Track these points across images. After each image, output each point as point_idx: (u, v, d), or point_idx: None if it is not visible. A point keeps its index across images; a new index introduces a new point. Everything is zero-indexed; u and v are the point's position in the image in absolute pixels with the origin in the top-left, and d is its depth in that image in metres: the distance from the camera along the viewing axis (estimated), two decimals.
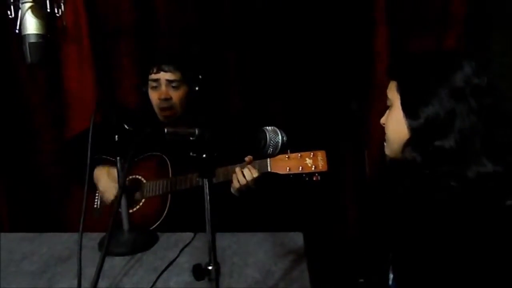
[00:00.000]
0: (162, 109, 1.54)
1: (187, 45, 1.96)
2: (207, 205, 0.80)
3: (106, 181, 1.49)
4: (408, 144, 0.91)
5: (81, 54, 2.02)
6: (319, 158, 1.27)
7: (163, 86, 1.52)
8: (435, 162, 0.85)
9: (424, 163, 0.86)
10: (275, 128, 0.85)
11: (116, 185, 1.45)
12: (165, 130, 0.76)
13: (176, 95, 1.53)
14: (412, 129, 0.89)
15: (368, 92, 1.90)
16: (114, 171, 1.43)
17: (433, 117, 0.85)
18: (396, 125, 0.93)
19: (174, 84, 1.52)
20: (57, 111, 2.07)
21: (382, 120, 1.01)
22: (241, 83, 1.99)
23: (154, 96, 1.55)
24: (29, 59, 0.95)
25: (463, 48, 1.81)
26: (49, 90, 2.06)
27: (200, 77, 1.60)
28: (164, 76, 1.52)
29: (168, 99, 1.52)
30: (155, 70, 1.52)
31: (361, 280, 1.88)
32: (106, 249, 0.65)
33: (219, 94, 1.98)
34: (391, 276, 0.99)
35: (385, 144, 1.00)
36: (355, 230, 2.04)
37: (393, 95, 0.93)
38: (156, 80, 1.53)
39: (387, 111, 0.98)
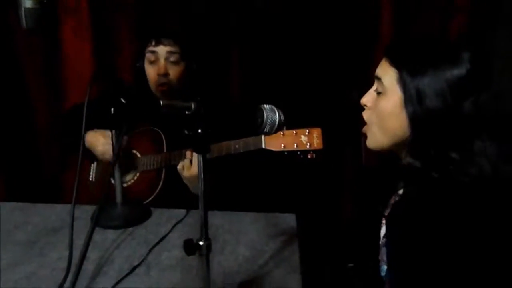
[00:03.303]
0: (159, 85, 1.50)
1: (188, 20, 1.92)
2: (201, 181, 0.80)
3: (103, 142, 1.46)
4: (405, 146, 0.87)
5: (80, 26, 1.98)
6: (315, 135, 1.25)
7: (161, 60, 1.48)
8: (438, 166, 0.81)
9: (426, 168, 0.83)
10: (273, 106, 0.84)
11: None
12: (161, 102, 0.75)
13: (174, 71, 1.50)
14: (414, 129, 0.84)
15: (370, 79, 1.88)
16: (108, 133, 1.42)
17: (440, 116, 0.81)
18: (388, 117, 0.88)
19: (172, 59, 1.48)
20: (54, 82, 2.05)
21: (365, 102, 0.95)
22: (241, 63, 1.97)
23: (151, 72, 1.50)
24: (24, 25, 0.93)
25: (467, 35, 1.79)
26: (46, 61, 2.03)
27: (199, 54, 1.57)
28: (163, 49, 1.47)
29: (166, 74, 1.49)
30: (153, 43, 1.48)
31: (351, 264, 1.89)
32: (96, 221, 0.65)
33: (218, 73, 1.96)
34: (384, 267, 0.94)
35: (367, 134, 0.95)
36: (349, 213, 2.05)
37: (391, 84, 0.87)
38: (154, 53, 1.48)
39: (373, 93, 0.93)
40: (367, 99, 0.95)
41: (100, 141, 1.47)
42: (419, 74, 0.84)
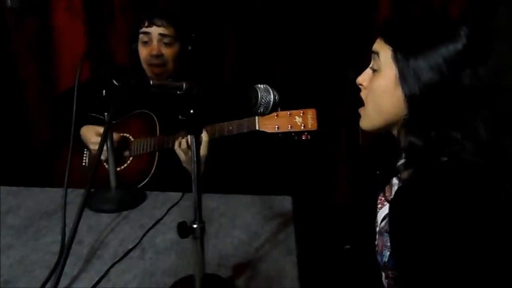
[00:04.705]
0: (152, 66, 1.48)
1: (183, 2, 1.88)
2: (194, 164, 0.78)
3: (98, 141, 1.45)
4: (401, 126, 0.85)
5: (72, 6, 1.94)
6: (309, 116, 1.23)
7: (154, 41, 1.45)
8: (440, 146, 0.79)
9: (428, 148, 0.80)
10: (267, 86, 0.82)
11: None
12: (151, 82, 0.73)
13: (168, 52, 1.47)
14: (411, 106, 0.81)
15: (367, 59, 1.85)
16: (102, 130, 1.40)
17: (437, 90, 0.78)
18: (383, 94, 0.86)
19: (166, 40, 1.45)
20: (46, 64, 2.01)
21: (361, 81, 0.93)
22: (236, 42, 1.94)
23: (144, 52, 1.47)
24: (9, 3, 0.89)
25: (468, 15, 1.76)
26: (37, 42, 1.99)
27: (193, 35, 1.54)
28: (156, 30, 1.45)
29: (159, 55, 1.46)
30: (146, 24, 1.45)
31: (347, 246, 1.90)
32: (83, 203, 0.64)
33: (213, 55, 1.92)
34: (386, 253, 0.91)
35: (361, 114, 0.93)
36: (344, 197, 2.05)
37: (386, 61, 0.85)
38: (147, 34, 1.45)
39: (369, 72, 0.91)
40: (363, 78, 0.93)
41: (94, 138, 1.46)
42: (414, 51, 0.81)
